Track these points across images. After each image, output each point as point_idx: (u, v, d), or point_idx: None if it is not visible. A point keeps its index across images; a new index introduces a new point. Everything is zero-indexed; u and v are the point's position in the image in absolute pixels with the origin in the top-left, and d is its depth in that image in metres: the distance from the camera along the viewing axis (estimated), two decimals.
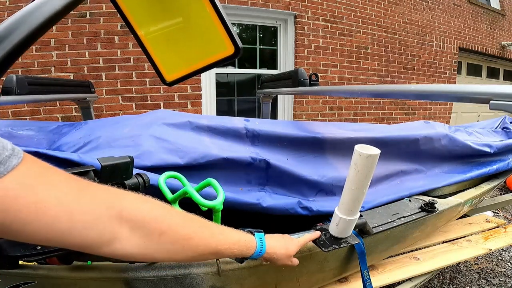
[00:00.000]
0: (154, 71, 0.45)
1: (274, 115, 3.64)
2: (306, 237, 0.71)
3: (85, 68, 2.69)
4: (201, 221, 0.46)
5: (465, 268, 1.85)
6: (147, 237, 0.37)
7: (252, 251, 0.54)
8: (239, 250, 0.52)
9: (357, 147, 0.63)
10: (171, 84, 0.44)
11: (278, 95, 3.23)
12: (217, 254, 0.48)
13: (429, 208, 1.03)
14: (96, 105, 2.63)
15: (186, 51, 0.41)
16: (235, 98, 3.64)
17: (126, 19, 0.40)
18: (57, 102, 2.62)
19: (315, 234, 0.74)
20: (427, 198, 1.08)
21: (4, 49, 0.24)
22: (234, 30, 0.38)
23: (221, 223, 0.65)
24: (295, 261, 0.67)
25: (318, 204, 0.94)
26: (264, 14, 3.38)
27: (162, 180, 0.68)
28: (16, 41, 0.25)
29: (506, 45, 5.51)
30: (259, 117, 1.93)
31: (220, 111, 3.46)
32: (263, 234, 0.59)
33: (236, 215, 0.74)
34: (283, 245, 0.62)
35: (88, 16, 2.64)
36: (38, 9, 0.26)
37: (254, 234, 0.58)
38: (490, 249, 1.28)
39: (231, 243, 0.50)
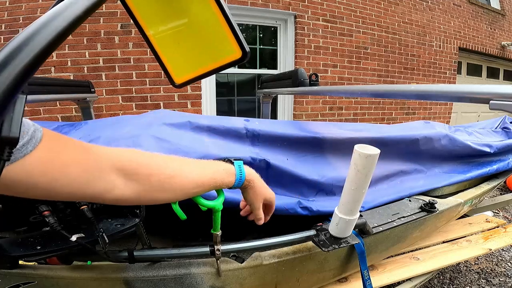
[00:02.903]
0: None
1: (274, 115, 3.64)
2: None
3: (85, 68, 2.70)
4: (180, 160, 0.53)
5: (465, 268, 1.85)
6: (139, 181, 0.45)
7: (233, 177, 0.57)
8: (221, 179, 0.55)
9: (357, 147, 0.63)
10: (180, 86, 0.46)
11: (278, 95, 3.24)
12: (202, 187, 0.53)
13: (429, 208, 1.03)
14: (96, 105, 2.64)
15: (195, 54, 0.43)
16: (235, 98, 3.64)
17: (136, 21, 0.41)
18: (57, 102, 2.62)
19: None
20: (427, 198, 1.08)
21: (33, 50, 0.24)
22: (242, 35, 0.40)
23: (221, 223, 0.65)
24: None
25: (318, 204, 0.94)
26: (264, 14, 3.38)
27: None
28: (44, 42, 0.24)
29: (506, 45, 5.52)
30: (259, 117, 1.93)
31: (220, 111, 3.46)
32: (242, 161, 0.61)
33: (236, 215, 0.74)
34: (260, 178, 0.64)
35: None
36: (65, 10, 0.26)
37: (233, 163, 0.59)
38: (490, 249, 1.28)
39: (211, 172, 0.55)
